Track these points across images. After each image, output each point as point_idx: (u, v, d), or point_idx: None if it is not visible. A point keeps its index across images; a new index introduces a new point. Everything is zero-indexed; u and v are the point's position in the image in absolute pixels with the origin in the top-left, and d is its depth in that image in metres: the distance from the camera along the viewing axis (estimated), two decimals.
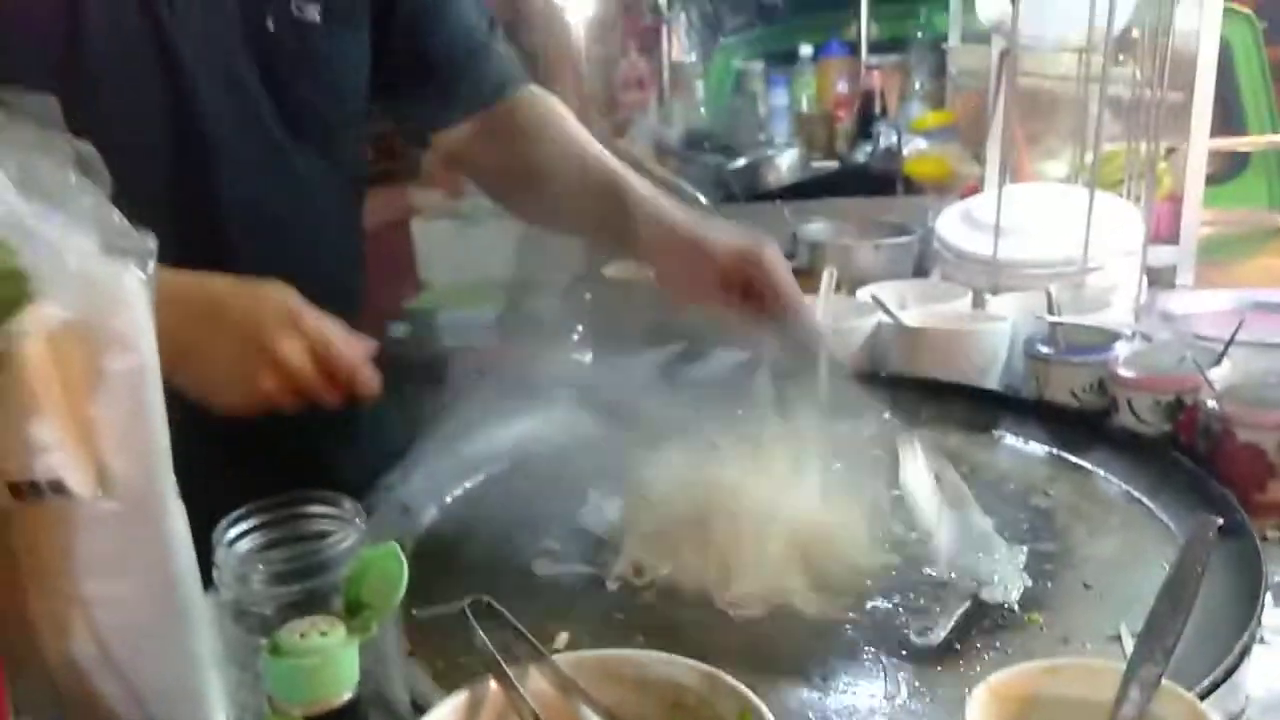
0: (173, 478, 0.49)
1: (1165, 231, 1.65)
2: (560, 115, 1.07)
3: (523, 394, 1.13)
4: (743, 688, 0.45)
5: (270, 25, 0.87)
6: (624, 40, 3.17)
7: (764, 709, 0.43)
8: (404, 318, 2.59)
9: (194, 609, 0.52)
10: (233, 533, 0.52)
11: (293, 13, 0.88)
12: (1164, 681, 0.42)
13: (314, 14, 0.88)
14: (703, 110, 2.47)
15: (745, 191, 2.05)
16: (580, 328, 1.51)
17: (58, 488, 0.46)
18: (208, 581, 0.53)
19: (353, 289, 1.05)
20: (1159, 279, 1.57)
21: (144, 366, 0.47)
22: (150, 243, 0.46)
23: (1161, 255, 1.59)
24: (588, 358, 1.42)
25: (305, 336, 0.73)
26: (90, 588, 0.50)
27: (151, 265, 0.46)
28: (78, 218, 0.45)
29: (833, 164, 2.24)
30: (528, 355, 1.44)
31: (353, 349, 0.75)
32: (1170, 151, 1.72)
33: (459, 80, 1.02)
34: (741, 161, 2.14)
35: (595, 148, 1.05)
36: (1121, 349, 0.97)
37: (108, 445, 0.47)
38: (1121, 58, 1.76)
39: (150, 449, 0.48)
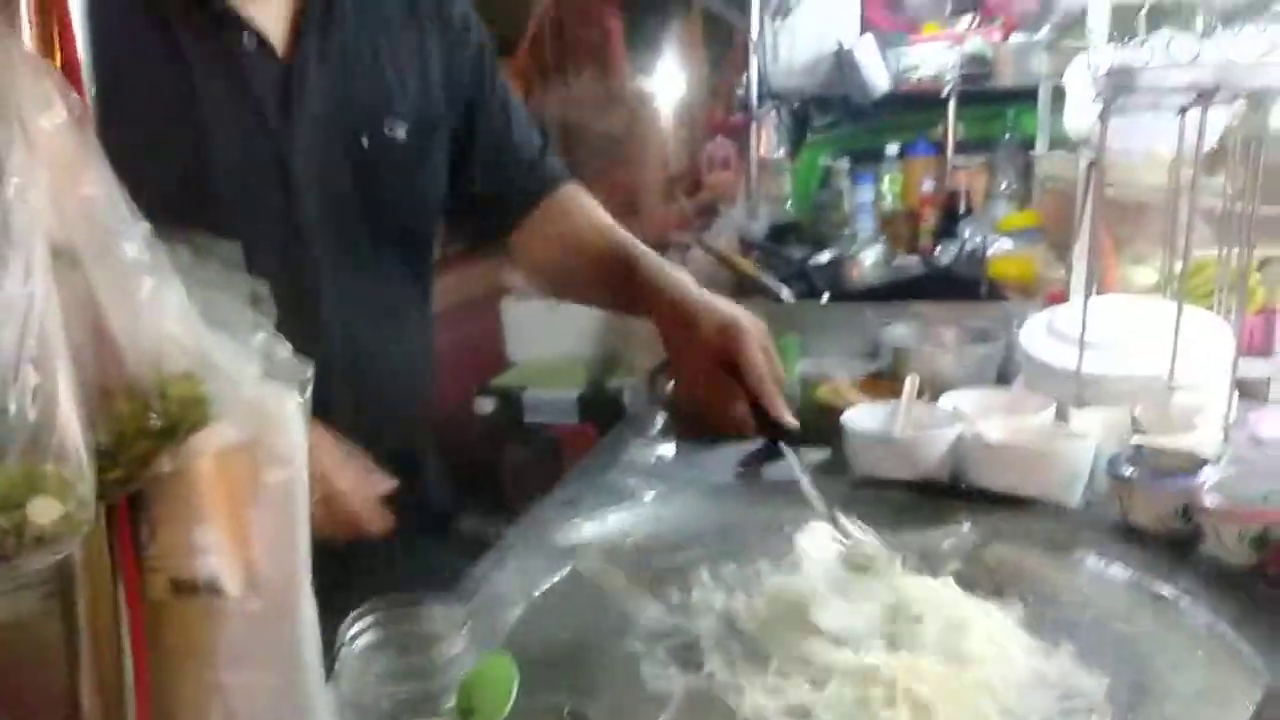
0: (309, 578, 0.55)
1: (1259, 344, 1.63)
2: (593, 205, 1.21)
3: (606, 484, 1.18)
4: None
5: (365, 142, 0.98)
6: (708, 123, 3.26)
7: None
8: (490, 393, 2.68)
9: (317, 700, 0.57)
10: (353, 630, 0.57)
11: (385, 131, 0.99)
12: None
13: (402, 132, 1.00)
14: (789, 204, 2.53)
15: (829, 285, 2.09)
16: (663, 414, 1.55)
17: (213, 587, 0.52)
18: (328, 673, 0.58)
19: (423, 371, 1.15)
20: (1253, 392, 1.55)
21: (296, 480, 0.53)
22: (308, 371, 0.52)
23: (1255, 368, 1.57)
24: (670, 449, 1.45)
25: (321, 484, 0.77)
26: (228, 676, 0.56)
27: (309, 391, 0.52)
28: (249, 348, 0.51)
29: (915, 260, 2.27)
30: (610, 442, 1.49)
31: (359, 497, 0.80)
32: (1265, 263, 1.70)
33: (516, 184, 1.16)
34: (826, 256, 2.18)
35: (614, 228, 1.19)
36: (1207, 475, 0.97)
37: (259, 550, 0.53)
38: (1212, 169, 1.76)
39: (295, 553, 0.54)
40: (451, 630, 0.57)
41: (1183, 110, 1.25)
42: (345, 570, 0.67)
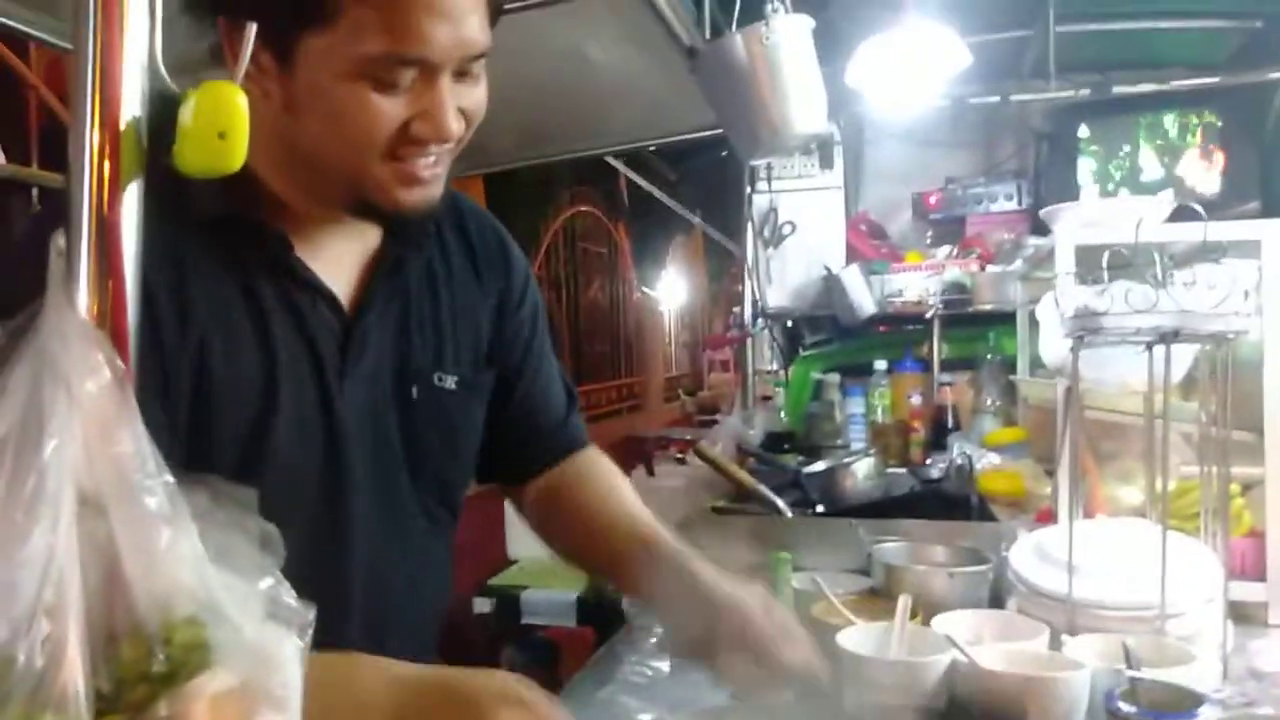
0: None
1: (1251, 568, 1.63)
2: (608, 471, 1.20)
3: (600, 701, 1.15)
4: None
5: (415, 393, 1.00)
6: (708, 339, 3.40)
7: None
8: (488, 593, 2.65)
9: None
10: None
11: (434, 381, 1.01)
12: None
13: (451, 383, 1.02)
14: (782, 415, 2.60)
15: (822, 495, 2.12)
16: (660, 631, 1.53)
17: None
18: None
19: (440, 599, 1.14)
20: (1248, 616, 1.53)
21: None
22: (310, 615, 0.54)
23: (1250, 592, 1.56)
24: (665, 665, 1.43)
25: (529, 713, 0.75)
26: None
27: (309, 635, 0.54)
28: (255, 590, 0.54)
29: (903, 471, 2.31)
30: (606, 654, 1.46)
31: None
32: (1248, 487, 1.73)
33: (539, 445, 1.17)
34: (819, 466, 2.22)
35: (633, 502, 1.16)
36: (1206, 714, 0.96)
37: None
38: (1188, 395, 1.82)
39: None
40: None
41: (1148, 346, 1.32)
42: None
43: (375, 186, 0.87)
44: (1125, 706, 1.01)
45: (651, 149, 3.03)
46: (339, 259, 0.97)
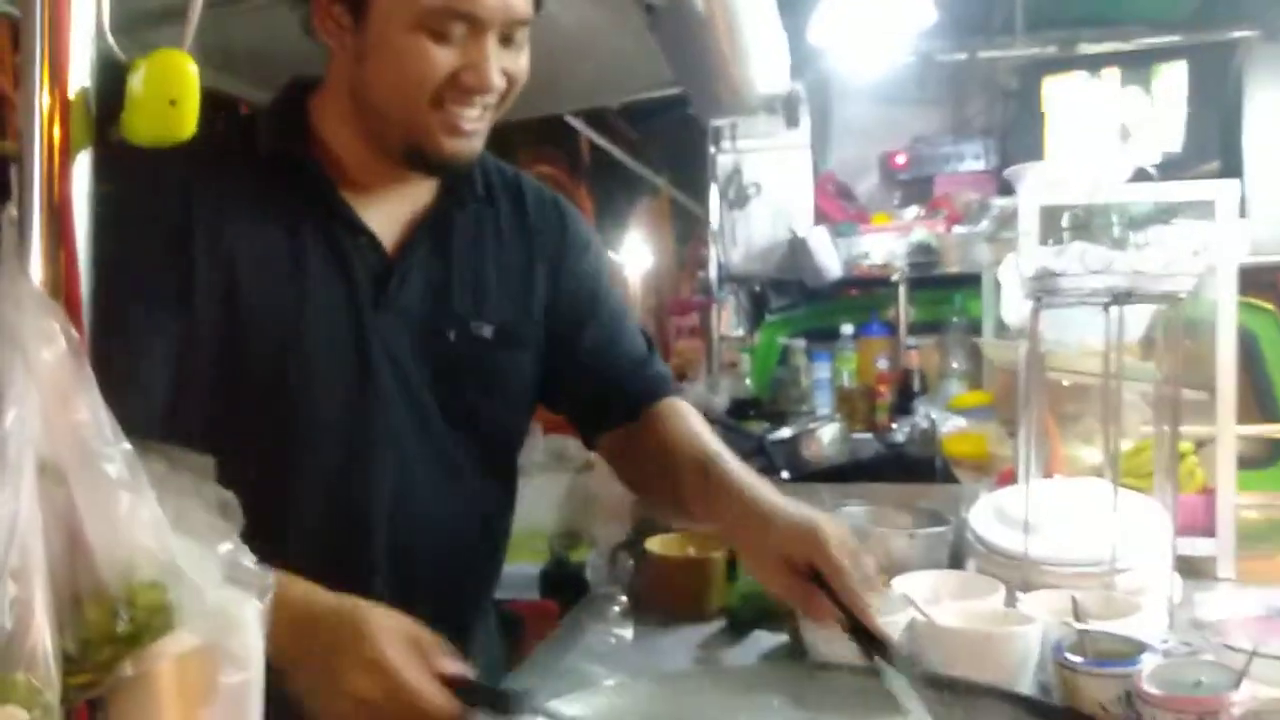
0: None
1: (1202, 523, 1.68)
2: (688, 413, 1.21)
3: (564, 669, 1.17)
4: None
5: (451, 336, 1.06)
6: (673, 303, 3.39)
7: None
8: None
9: None
10: None
11: (471, 330, 1.07)
12: None
13: (487, 333, 1.07)
14: (748, 381, 2.61)
15: (788, 462, 2.14)
16: (623, 600, 1.55)
17: None
18: None
19: (487, 568, 1.18)
20: (1199, 570, 1.58)
21: (251, 682, 0.55)
22: (270, 578, 0.55)
23: (1199, 547, 1.61)
24: (629, 632, 1.46)
25: (385, 677, 0.78)
26: None
27: (269, 598, 0.55)
28: (214, 556, 0.55)
29: (869, 437, 2.33)
30: (570, 623, 1.48)
31: (429, 694, 0.78)
32: (1202, 444, 1.78)
33: (619, 395, 1.20)
34: (785, 433, 2.24)
35: (701, 436, 1.17)
36: (1147, 661, 1.00)
37: None
38: (1146, 355, 1.86)
39: None
40: None
41: (1106, 306, 1.35)
42: None
43: (424, 132, 0.98)
44: (1072, 657, 1.04)
45: (614, 109, 3.00)
46: (389, 212, 1.06)
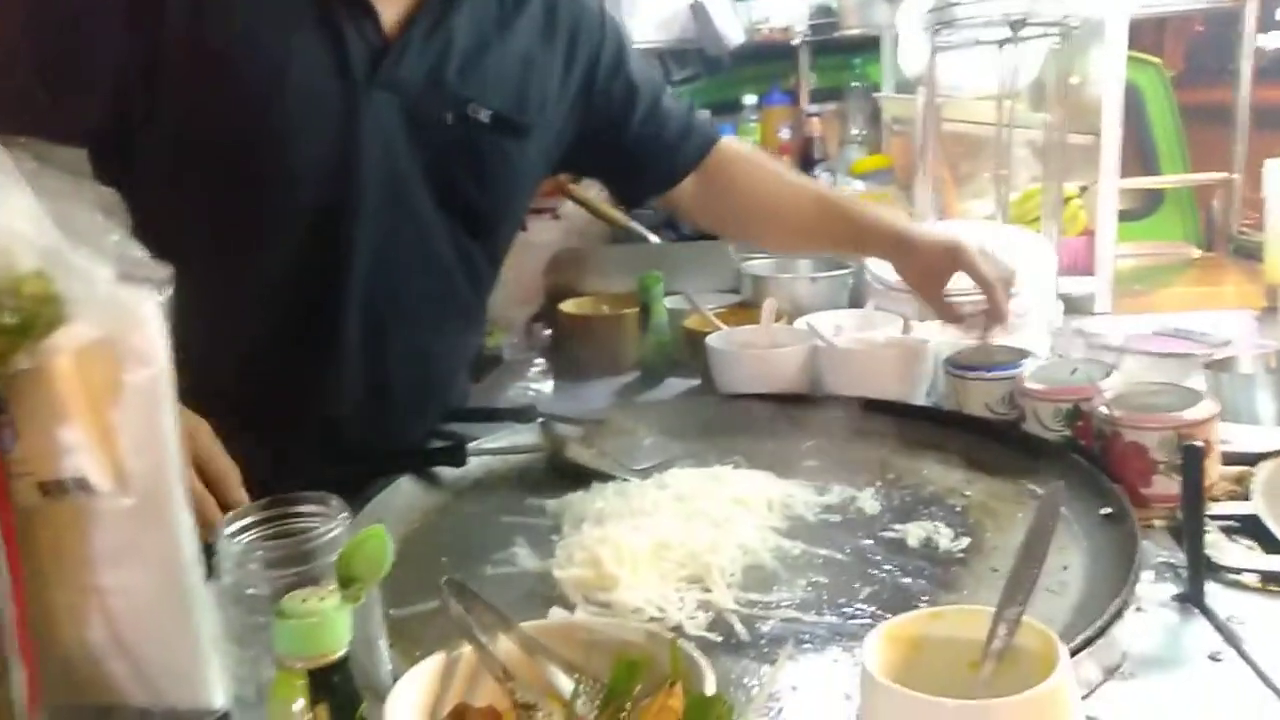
0: (181, 476, 0.57)
1: (1083, 264, 1.78)
2: (757, 158, 1.32)
3: (487, 418, 1.21)
4: (677, 639, 0.53)
5: (449, 119, 1.01)
6: None
7: (692, 650, 0.51)
8: None
9: (197, 595, 0.59)
10: (234, 527, 0.59)
11: (469, 113, 1.02)
12: (1024, 618, 0.50)
13: (485, 116, 1.03)
14: None
15: (696, 233, 2.16)
16: (540, 361, 1.59)
17: (82, 485, 0.53)
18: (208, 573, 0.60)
19: (459, 356, 1.21)
20: (1081, 307, 1.69)
21: (159, 378, 0.54)
22: (165, 271, 0.54)
23: (1081, 285, 1.72)
24: (548, 386, 1.50)
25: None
26: (106, 578, 0.57)
27: (168, 291, 0.53)
28: (103, 252, 0.52)
29: None
30: (488, 385, 1.52)
31: (225, 471, 0.81)
32: (1084, 190, 1.85)
33: (669, 156, 1.24)
34: None
35: (795, 176, 1.30)
36: (1029, 365, 1.08)
37: (126, 447, 0.54)
38: (1036, 105, 1.90)
39: (163, 450, 0.55)
40: (329, 520, 0.60)
41: (1001, 44, 1.36)
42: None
43: None
44: (960, 366, 1.12)
45: None
46: None
